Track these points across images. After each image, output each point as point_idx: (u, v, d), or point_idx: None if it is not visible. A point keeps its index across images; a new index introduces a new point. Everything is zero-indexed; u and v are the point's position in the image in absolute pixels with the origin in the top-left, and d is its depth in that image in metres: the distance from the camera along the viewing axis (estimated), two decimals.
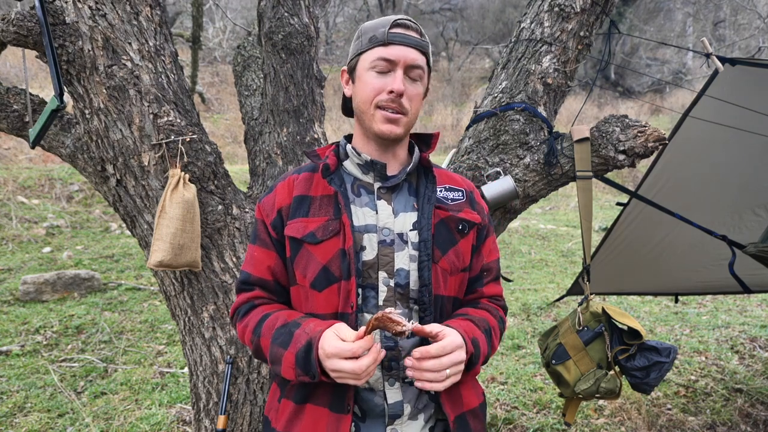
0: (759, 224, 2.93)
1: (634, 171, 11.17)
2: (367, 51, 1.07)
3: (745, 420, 3.03)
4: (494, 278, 1.24)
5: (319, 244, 1.07)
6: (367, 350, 0.93)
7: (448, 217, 1.13)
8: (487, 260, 1.22)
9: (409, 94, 1.06)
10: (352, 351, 0.91)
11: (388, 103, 1.05)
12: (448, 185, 1.19)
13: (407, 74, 1.06)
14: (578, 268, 6.43)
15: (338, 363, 0.92)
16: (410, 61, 1.05)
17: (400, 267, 1.07)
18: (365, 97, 1.07)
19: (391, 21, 1.07)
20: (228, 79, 16.02)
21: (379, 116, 1.06)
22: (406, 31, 1.07)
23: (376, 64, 1.05)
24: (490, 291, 1.22)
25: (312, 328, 1.00)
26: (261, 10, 2.02)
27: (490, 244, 1.23)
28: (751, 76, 2.39)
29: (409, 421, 1.08)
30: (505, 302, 1.29)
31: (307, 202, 1.12)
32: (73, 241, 6.74)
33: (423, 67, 1.08)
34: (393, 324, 0.87)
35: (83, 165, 1.85)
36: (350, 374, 0.92)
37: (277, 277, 1.14)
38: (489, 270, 1.22)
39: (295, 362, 0.99)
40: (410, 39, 1.06)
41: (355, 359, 0.92)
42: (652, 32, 17.78)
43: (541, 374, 3.58)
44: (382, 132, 1.07)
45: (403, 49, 1.05)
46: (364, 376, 0.93)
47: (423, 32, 1.10)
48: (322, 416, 1.05)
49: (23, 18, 1.50)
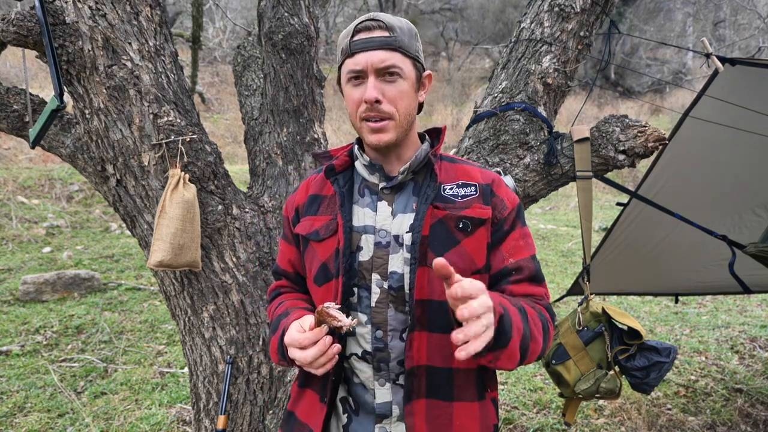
0: (759, 224, 2.93)
1: (634, 171, 11.17)
2: (341, 65, 1.06)
3: (745, 420, 3.03)
4: (528, 278, 1.08)
5: (321, 242, 1.10)
6: (314, 342, 0.95)
7: (446, 216, 1.05)
8: (514, 258, 1.08)
9: (389, 96, 1.01)
10: (299, 342, 0.96)
11: (368, 113, 1.02)
12: (461, 181, 1.10)
13: (381, 78, 1.01)
14: (578, 268, 6.42)
15: (292, 351, 0.98)
16: (378, 64, 1.00)
17: (393, 270, 1.05)
18: (351, 111, 1.06)
19: (353, 28, 1.03)
20: (228, 79, 16.02)
21: (365, 128, 1.04)
22: (369, 33, 1.01)
23: (349, 77, 1.03)
24: (521, 291, 1.07)
25: (291, 318, 1.06)
26: (261, 10, 2.02)
27: (515, 240, 1.09)
28: (751, 76, 2.39)
29: (398, 422, 1.08)
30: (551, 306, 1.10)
31: (318, 201, 1.15)
32: (73, 241, 6.74)
33: (396, 65, 1.01)
34: (330, 319, 0.91)
35: (83, 165, 1.85)
36: (302, 363, 0.97)
37: (297, 270, 1.23)
38: (518, 269, 1.07)
39: (277, 348, 1.08)
40: (373, 41, 1.00)
41: (303, 349, 0.96)
42: (652, 32, 17.78)
43: (541, 374, 3.58)
44: (371, 143, 1.05)
45: (367, 55, 1.00)
46: (317, 366, 0.96)
47: (392, 25, 1.02)
48: (315, 402, 1.11)
49: (23, 18, 1.50)
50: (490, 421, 1.09)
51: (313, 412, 1.10)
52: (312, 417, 1.10)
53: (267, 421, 1.88)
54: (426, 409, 1.03)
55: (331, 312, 0.91)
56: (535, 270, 1.09)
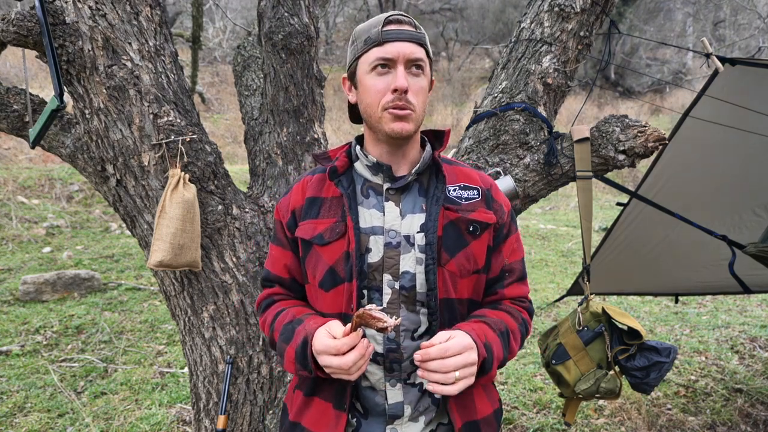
0: (759, 224, 2.93)
1: (634, 171, 11.17)
2: (364, 54, 1.05)
3: (745, 420, 3.03)
4: (517, 279, 1.18)
5: (327, 246, 1.08)
6: (353, 347, 0.94)
7: (458, 219, 1.08)
8: (509, 260, 1.17)
9: (413, 89, 1.03)
10: (337, 348, 0.93)
11: (395, 102, 1.02)
12: (463, 183, 1.14)
13: (408, 69, 1.03)
14: (578, 268, 6.42)
15: (327, 359, 0.95)
16: (409, 54, 1.02)
17: (405, 270, 1.06)
18: (371, 102, 1.04)
19: (384, 19, 1.04)
20: (228, 79, 16.02)
21: (387, 117, 1.03)
22: (399, 26, 1.04)
23: (376, 66, 1.03)
24: (512, 292, 1.17)
25: (310, 325, 1.03)
26: (261, 10, 2.02)
27: (512, 244, 1.18)
28: (751, 76, 2.39)
29: (409, 422, 1.08)
30: (531, 304, 1.22)
31: (318, 204, 1.13)
32: (73, 241, 6.74)
33: (423, 59, 1.04)
34: (374, 321, 0.89)
35: (83, 165, 1.85)
36: (338, 369, 0.95)
37: (293, 275, 1.19)
38: (511, 271, 1.17)
39: (295, 357, 1.03)
40: (405, 33, 1.03)
41: (342, 355, 0.94)
42: (652, 32, 17.77)
43: (541, 374, 3.58)
44: (393, 131, 1.03)
45: (400, 45, 1.02)
46: (354, 371, 0.95)
47: (417, 24, 1.07)
48: (326, 410, 1.09)
49: (23, 18, 1.50)
50: (494, 395, 1.19)
51: (326, 420, 1.08)
52: (325, 426, 1.08)
53: (267, 421, 1.88)
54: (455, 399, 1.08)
55: (374, 314, 0.89)
56: (522, 270, 1.20)
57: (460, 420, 1.08)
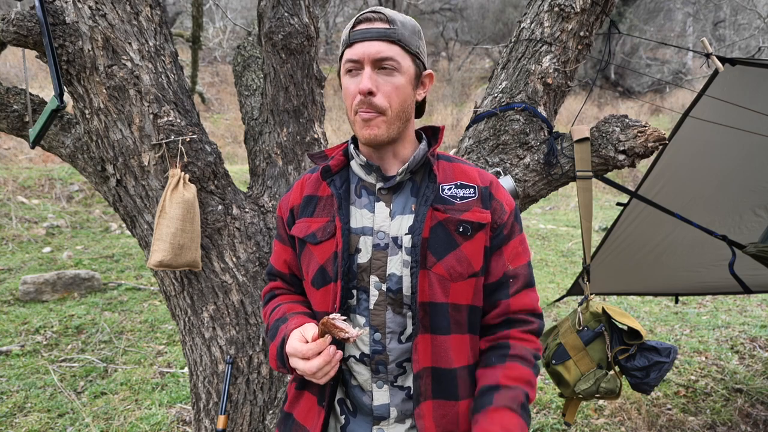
0: (759, 224, 2.94)
1: (634, 171, 11.18)
2: (342, 55, 1.04)
3: (745, 420, 3.03)
4: (523, 286, 1.10)
5: (318, 245, 1.08)
6: (319, 353, 0.95)
7: (447, 219, 1.04)
8: (513, 265, 1.09)
9: (384, 90, 0.99)
10: (302, 353, 0.95)
11: (360, 105, 0.99)
12: (459, 182, 1.09)
13: (377, 69, 0.99)
14: (578, 268, 6.42)
15: (294, 362, 0.98)
16: (374, 54, 0.98)
17: (392, 272, 1.04)
18: (347, 104, 1.04)
19: (354, 20, 1.02)
20: (228, 79, 16.01)
21: (359, 121, 1.01)
22: (369, 24, 1.00)
23: (347, 68, 1.02)
24: (518, 304, 1.08)
25: (290, 326, 1.05)
26: (261, 10, 2.02)
27: (516, 246, 1.10)
28: (751, 76, 2.39)
29: (395, 423, 1.07)
30: (542, 319, 1.12)
31: (314, 202, 1.13)
32: (73, 241, 6.74)
33: (393, 57, 0.99)
34: (337, 330, 0.90)
35: (83, 165, 1.85)
36: (304, 373, 0.97)
37: (293, 271, 1.21)
38: (515, 277, 1.09)
39: (276, 355, 1.07)
40: (372, 32, 0.99)
41: (307, 360, 0.95)
42: (652, 32, 17.78)
43: (541, 374, 3.58)
44: (363, 137, 1.02)
45: (364, 45, 0.98)
46: (320, 376, 0.97)
47: (394, 19, 1.01)
48: (312, 405, 1.11)
49: (23, 18, 1.50)
50: None
51: (311, 414, 1.10)
52: (310, 420, 1.10)
53: (267, 421, 1.88)
54: (433, 409, 1.03)
55: (338, 324, 0.89)
56: (529, 276, 1.12)
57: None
